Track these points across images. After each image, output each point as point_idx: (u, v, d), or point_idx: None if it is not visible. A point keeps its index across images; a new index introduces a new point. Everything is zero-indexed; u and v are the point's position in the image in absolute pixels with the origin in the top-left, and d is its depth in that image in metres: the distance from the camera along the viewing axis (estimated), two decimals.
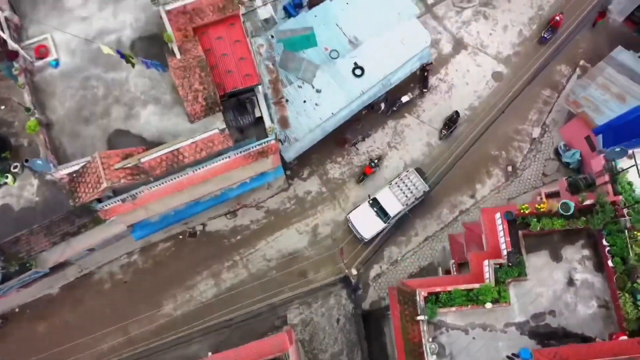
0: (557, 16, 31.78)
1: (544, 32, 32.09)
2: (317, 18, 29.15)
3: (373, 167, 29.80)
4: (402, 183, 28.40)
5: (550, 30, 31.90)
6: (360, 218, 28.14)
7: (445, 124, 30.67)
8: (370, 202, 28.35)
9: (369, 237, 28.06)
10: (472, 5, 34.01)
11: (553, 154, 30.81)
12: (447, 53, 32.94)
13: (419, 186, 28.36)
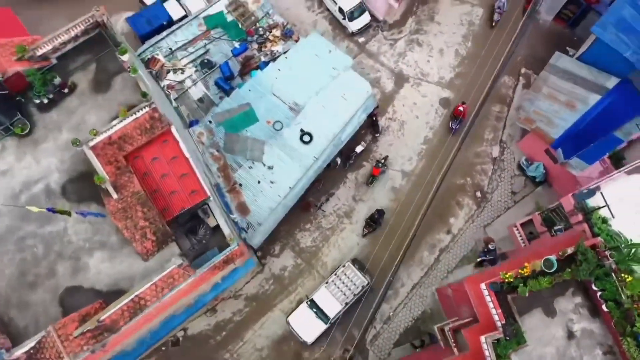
0: (460, 106, 30.07)
1: (451, 123, 30.35)
2: (252, 92, 27.97)
3: (380, 167, 29.37)
4: (339, 280, 27.05)
5: (456, 120, 30.23)
6: (300, 321, 26.82)
7: (367, 223, 29.03)
8: (309, 303, 27.04)
9: (310, 340, 26.73)
10: (403, 35, 33.40)
11: (517, 169, 30.44)
12: (390, 90, 32.22)
13: (357, 281, 27.03)
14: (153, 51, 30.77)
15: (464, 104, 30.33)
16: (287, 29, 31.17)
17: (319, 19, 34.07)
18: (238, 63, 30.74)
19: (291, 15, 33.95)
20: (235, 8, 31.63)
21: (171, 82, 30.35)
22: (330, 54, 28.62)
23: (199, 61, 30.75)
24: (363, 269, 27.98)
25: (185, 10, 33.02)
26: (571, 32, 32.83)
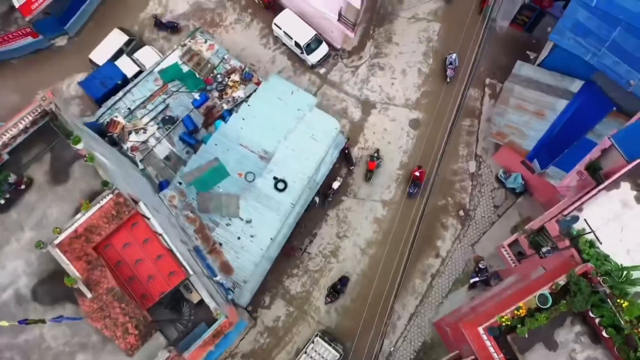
0: (416, 171, 29.15)
1: (409, 188, 29.27)
2: (219, 145, 27.22)
3: (375, 159, 29.47)
4: (310, 358, 26.23)
5: (414, 184, 29.29)
6: None
7: (330, 292, 28.21)
8: None
9: None
10: (363, 61, 32.98)
11: (496, 182, 30.22)
12: (358, 118, 31.76)
13: (329, 356, 26.21)
14: (111, 113, 29.89)
15: (420, 168, 29.21)
16: (246, 72, 30.49)
17: (277, 55, 33.45)
18: (201, 115, 29.99)
19: (248, 56, 33.32)
20: (190, 58, 30.87)
21: (134, 144, 29.47)
22: (293, 95, 28.01)
23: (160, 118, 29.94)
24: (334, 340, 27.10)
25: (139, 66, 32.17)
26: (529, 35, 32.76)
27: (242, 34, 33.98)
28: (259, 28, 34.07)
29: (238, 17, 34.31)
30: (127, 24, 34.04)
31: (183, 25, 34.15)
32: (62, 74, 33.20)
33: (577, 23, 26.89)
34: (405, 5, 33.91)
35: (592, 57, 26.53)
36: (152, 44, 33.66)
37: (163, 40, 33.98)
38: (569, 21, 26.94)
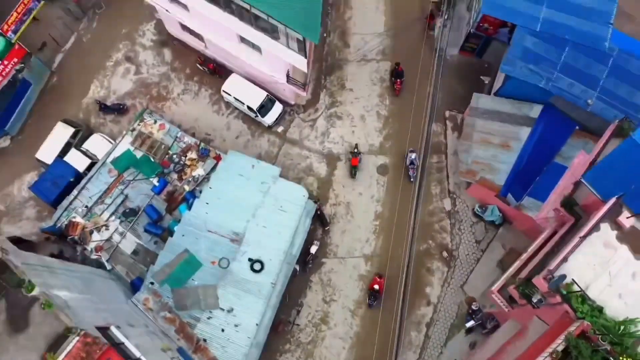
0: (375, 283, 27.71)
1: (368, 300, 27.82)
2: (186, 236, 26.04)
3: (357, 155, 29.68)
4: None
5: (373, 296, 27.76)
6: None
7: None
8: None
9: None
10: (320, 113, 32.24)
11: (473, 216, 29.68)
12: (325, 174, 30.93)
13: None
14: (69, 214, 28.45)
15: (380, 277, 27.93)
16: (202, 148, 29.42)
17: (231, 120, 32.49)
18: (163, 201, 28.75)
19: (202, 126, 32.30)
20: (142, 142, 29.68)
21: (98, 243, 28.08)
22: (255, 168, 27.05)
23: (121, 211, 28.65)
24: None
25: (90, 157, 30.82)
26: (480, 60, 32.47)
27: (192, 104, 32.92)
28: (208, 95, 33.07)
29: (185, 87, 33.25)
30: (71, 113, 32.70)
31: (130, 105, 32.95)
32: (10, 176, 31.66)
33: (526, 50, 26.67)
34: (352, 48, 33.35)
35: (547, 83, 26.32)
36: (101, 130, 32.39)
37: (112, 124, 32.71)
38: (518, 49, 26.69)
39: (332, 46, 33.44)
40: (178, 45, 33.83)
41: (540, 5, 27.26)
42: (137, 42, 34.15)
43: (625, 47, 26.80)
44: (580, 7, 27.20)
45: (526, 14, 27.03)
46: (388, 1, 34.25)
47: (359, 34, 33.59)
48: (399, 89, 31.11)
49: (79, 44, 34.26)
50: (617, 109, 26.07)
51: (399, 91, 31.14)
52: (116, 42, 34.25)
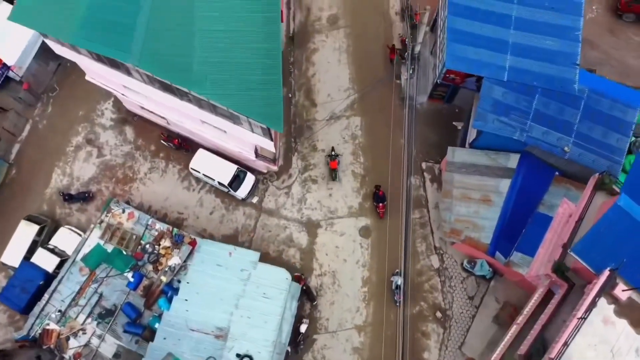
0: None
1: None
2: (168, 338, 24.84)
3: (335, 158, 29.81)
4: None
5: None
6: None
7: None
8: None
9: None
10: (294, 178, 31.25)
11: (463, 271, 28.86)
12: (306, 243, 29.89)
13: None
14: (42, 322, 26.96)
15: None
16: (177, 235, 28.18)
17: (204, 196, 31.33)
18: (140, 297, 27.37)
19: (173, 205, 31.08)
20: (112, 235, 28.34)
21: (76, 350, 26.61)
22: (232, 256, 25.93)
23: (97, 312, 27.21)
24: None
25: (59, 255, 29.37)
26: (450, 105, 31.83)
27: (160, 183, 31.69)
28: (177, 171, 31.89)
29: (151, 166, 32.01)
30: (34, 207, 31.28)
31: (96, 191, 31.58)
32: None
33: (496, 102, 26.06)
34: (319, 107, 32.47)
35: (521, 134, 25.73)
36: (68, 221, 31.01)
37: (78, 214, 31.32)
38: (487, 103, 26.07)
39: (298, 106, 32.54)
40: (139, 121, 32.62)
41: (504, 53, 26.69)
42: (97, 123, 32.87)
43: (594, 87, 26.38)
44: (545, 52, 26.73)
45: (491, 65, 26.43)
46: (350, 52, 33.50)
47: (325, 90, 32.73)
48: (382, 212, 29.54)
49: (35, 131, 32.88)
50: (594, 152, 25.59)
51: (383, 214, 29.61)
52: (74, 125, 32.92)
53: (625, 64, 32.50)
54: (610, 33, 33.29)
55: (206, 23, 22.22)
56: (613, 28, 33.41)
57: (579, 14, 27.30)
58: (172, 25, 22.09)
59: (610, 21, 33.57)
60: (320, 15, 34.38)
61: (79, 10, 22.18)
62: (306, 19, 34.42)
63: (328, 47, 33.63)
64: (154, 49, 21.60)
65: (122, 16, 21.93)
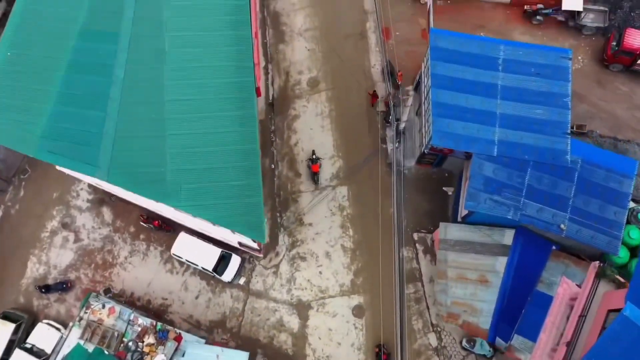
0: None
1: None
2: None
3: (317, 162, 29.81)
4: None
5: None
6: None
7: None
8: None
9: None
10: (281, 256, 29.95)
11: (462, 350, 27.67)
12: (297, 327, 28.61)
13: None
14: None
15: None
16: (161, 331, 26.73)
17: (188, 279, 29.98)
18: None
19: (156, 290, 29.79)
20: (92, 333, 26.90)
21: None
22: (220, 359, 24.46)
23: None
24: None
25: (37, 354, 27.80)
26: (439, 169, 30.76)
27: (142, 267, 30.26)
28: (159, 253, 30.49)
29: (132, 249, 30.58)
30: (10, 300, 29.84)
31: (74, 278, 30.09)
32: None
33: (487, 180, 25.06)
34: (303, 177, 31.24)
35: (515, 213, 24.77)
36: (46, 314, 29.55)
37: (57, 304, 29.85)
38: (479, 181, 25.05)
39: (282, 178, 31.31)
40: (117, 201, 31.16)
41: (492, 126, 25.77)
42: (72, 205, 31.40)
43: (587, 157, 25.51)
44: (534, 122, 25.86)
45: (480, 140, 25.47)
46: (333, 117, 32.40)
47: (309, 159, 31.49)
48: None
49: (7, 218, 31.38)
50: (592, 228, 24.62)
51: None
52: (49, 209, 31.44)
53: (615, 116, 31.68)
54: (597, 84, 32.46)
55: (178, 126, 20.98)
56: (600, 78, 32.59)
57: (566, 79, 26.48)
58: (141, 132, 20.83)
59: (597, 71, 32.75)
60: (300, 79, 33.24)
61: (41, 119, 20.85)
62: (285, 84, 33.27)
63: (310, 113, 32.47)
64: (124, 160, 20.31)
65: (87, 125, 20.67)
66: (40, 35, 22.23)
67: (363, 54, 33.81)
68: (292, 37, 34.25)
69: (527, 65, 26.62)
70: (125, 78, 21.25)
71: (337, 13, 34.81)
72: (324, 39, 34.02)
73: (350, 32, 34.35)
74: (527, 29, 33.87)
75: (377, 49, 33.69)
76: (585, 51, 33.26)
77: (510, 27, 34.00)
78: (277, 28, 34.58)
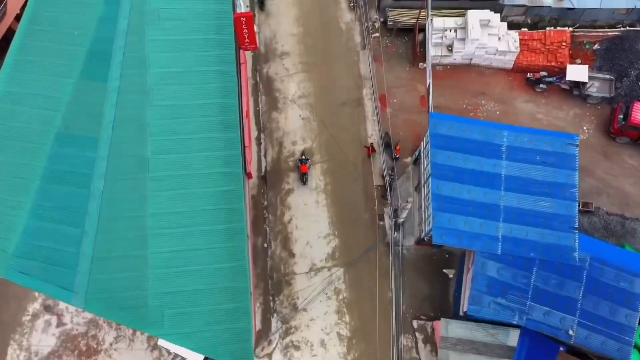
0: None
1: None
2: None
3: (306, 162, 29.75)
4: None
5: None
6: None
7: None
8: None
9: None
10: (274, 345, 28.55)
11: None
12: None
13: None
14: None
15: None
16: None
17: None
18: None
19: None
20: None
21: None
22: None
23: None
24: None
25: None
26: (439, 249, 29.42)
27: (128, 354, 28.84)
28: (145, 339, 29.00)
29: (117, 334, 29.11)
30: None
31: None
32: None
33: (491, 281, 23.77)
34: (297, 257, 29.89)
35: (520, 317, 23.52)
36: None
37: None
38: (482, 282, 23.77)
39: (275, 258, 29.90)
40: None
41: (496, 220, 24.45)
42: None
43: (596, 254, 24.19)
44: (540, 215, 24.60)
45: (483, 236, 24.16)
46: (328, 192, 31.05)
47: (303, 238, 30.15)
48: None
49: None
50: (602, 333, 23.31)
51: None
52: (31, 290, 29.82)
53: (623, 192, 30.41)
54: (604, 157, 31.20)
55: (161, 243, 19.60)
56: (607, 151, 31.34)
57: (573, 168, 25.21)
58: (121, 250, 19.42)
59: (603, 143, 31.51)
60: (294, 150, 31.89)
61: (13, 235, 19.39)
62: (279, 155, 31.92)
63: (304, 187, 31.08)
64: (102, 284, 18.90)
65: (63, 243, 19.23)
66: (12, 139, 20.83)
67: (359, 123, 32.50)
68: (286, 104, 32.92)
69: (532, 153, 25.36)
70: (104, 190, 19.79)
71: (332, 78, 33.50)
72: (319, 107, 32.71)
73: (346, 99, 33.04)
74: (530, 97, 32.59)
75: (374, 118, 32.33)
76: (591, 121, 32.00)
77: (512, 95, 32.73)
78: (270, 94, 33.24)
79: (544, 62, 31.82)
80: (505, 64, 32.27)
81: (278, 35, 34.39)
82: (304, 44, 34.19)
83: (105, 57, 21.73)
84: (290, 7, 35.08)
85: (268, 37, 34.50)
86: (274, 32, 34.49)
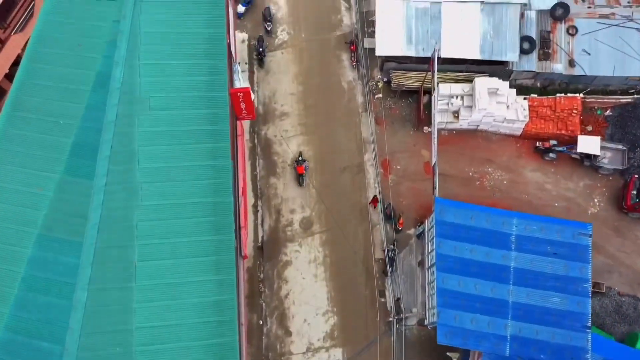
0: None
1: None
2: None
3: (302, 163, 29.61)
4: None
5: None
6: None
7: None
8: None
9: None
10: None
11: None
12: None
13: None
14: None
15: None
16: None
17: None
18: None
19: None
20: None
21: None
22: None
23: None
24: None
25: None
26: None
27: None
28: None
29: None
30: None
31: None
32: None
33: None
34: (294, 336, 28.54)
35: None
36: None
37: None
38: None
39: (270, 337, 28.55)
40: None
41: (504, 318, 23.09)
42: None
43: (608, 355, 22.82)
44: (551, 312, 23.28)
45: (490, 336, 22.79)
46: (327, 265, 29.77)
47: (301, 314, 28.82)
48: None
49: None
50: None
51: None
52: None
53: (636, 271, 29.11)
54: (615, 232, 29.87)
55: None
56: (618, 226, 30.00)
57: (586, 261, 23.84)
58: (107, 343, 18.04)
59: (615, 217, 30.18)
60: (292, 219, 30.55)
61: None
62: (276, 224, 30.58)
63: (302, 259, 29.77)
64: None
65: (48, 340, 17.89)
66: None
67: (360, 191, 31.19)
68: (285, 169, 31.59)
69: (543, 243, 24.04)
70: (88, 303, 18.43)
71: (332, 142, 32.20)
72: (319, 172, 31.41)
73: (346, 164, 31.74)
74: (539, 166, 31.28)
75: (375, 185, 31.00)
76: (602, 192, 30.68)
77: (520, 163, 31.42)
78: (269, 158, 31.95)
79: (554, 130, 30.53)
80: (514, 131, 31.01)
81: (277, 94, 33.13)
82: (304, 104, 32.93)
83: (91, 150, 20.40)
84: (290, 64, 33.81)
85: (267, 95, 33.22)
86: (273, 91, 33.20)
